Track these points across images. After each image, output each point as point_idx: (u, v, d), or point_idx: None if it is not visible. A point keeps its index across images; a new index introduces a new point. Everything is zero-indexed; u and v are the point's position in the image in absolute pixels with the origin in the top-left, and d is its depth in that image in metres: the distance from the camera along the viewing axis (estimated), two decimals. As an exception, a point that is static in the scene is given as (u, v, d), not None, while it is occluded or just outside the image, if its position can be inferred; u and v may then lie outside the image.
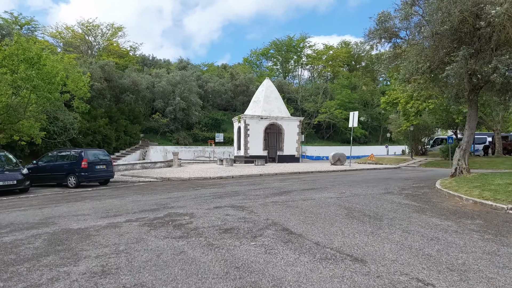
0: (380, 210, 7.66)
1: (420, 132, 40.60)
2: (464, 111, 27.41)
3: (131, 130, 35.76)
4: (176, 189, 12.42)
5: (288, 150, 29.84)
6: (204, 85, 48.45)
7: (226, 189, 12.07)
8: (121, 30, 42.92)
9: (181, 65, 52.82)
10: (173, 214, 7.66)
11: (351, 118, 20.71)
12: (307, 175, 16.81)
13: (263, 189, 11.75)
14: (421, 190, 11.07)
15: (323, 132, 59.67)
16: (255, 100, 31.08)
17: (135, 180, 15.90)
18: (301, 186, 12.40)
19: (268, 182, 14.04)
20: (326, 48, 71.33)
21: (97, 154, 14.73)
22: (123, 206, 9.04)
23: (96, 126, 31.51)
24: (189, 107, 39.94)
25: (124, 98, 37.70)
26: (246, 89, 51.43)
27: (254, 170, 19.42)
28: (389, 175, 16.47)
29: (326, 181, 13.93)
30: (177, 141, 38.42)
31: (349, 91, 62.20)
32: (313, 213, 7.44)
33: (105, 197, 11.09)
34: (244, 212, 7.60)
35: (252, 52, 67.39)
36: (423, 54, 11.37)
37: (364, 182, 13.45)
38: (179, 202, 9.28)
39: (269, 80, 32.28)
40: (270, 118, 29.22)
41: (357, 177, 15.43)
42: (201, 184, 14.02)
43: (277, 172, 17.72)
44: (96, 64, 34.86)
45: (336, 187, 11.80)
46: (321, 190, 11.21)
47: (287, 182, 13.87)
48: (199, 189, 12.31)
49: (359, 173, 18.08)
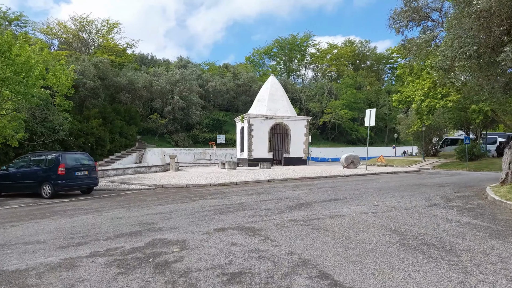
0: (442, 235, 5.56)
1: (431, 133, 38.58)
2: (485, 110, 25.32)
3: (127, 132, 33.72)
4: (170, 200, 10.32)
5: (295, 152, 27.72)
6: (205, 84, 46.43)
7: (229, 200, 9.96)
8: (117, 26, 40.92)
9: (180, 64, 50.81)
10: (159, 242, 5.56)
11: (367, 116, 18.59)
12: (322, 181, 14.69)
13: (275, 200, 9.64)
14: (472, 201, 8.94)
15: (328, 133, 57.57)
16: (259, 99, 29.00)
17: (123, 188, 13.81)
18: (320, 195, 10.29)
19: (279, 190, 11.94)
20: (330, 47, 69.28)
21: (78, 159, 12.63)
22: (97, 226, 6.96)
23: (88, 127, 29.48)
24: (189, 107, 37.89)
25: (119, 97, 35.67)
26: (249, 88, 49.38)
27: (260, 174, 17.32)
28: (416, 180, 14.34)
29: (347, 188, 11.81)
30: (176, 143, 36.35)
31: (355, 91, 60.10)
32: (353, 240, 5.33)
33: (80, 212, 9.00)
34: (256, 239, 5.50)
35: (255, 51, 65.34)
36: (469, 35, 9.26)
37: (393, 189, 11.34)
38: (170, 221, 7.18)
39: (274, 77, 30.22)
40: (275, 118, 27.12)
41: (380, 183, 13.30)
42: (200, 193, 11.91)
43: (287, 177, 15.61)
44: (89, 62, 32.83)
45: (364, 198, 9.68)
46: (347, 201, 9.10)
47: (301, 189, 11.76)
48: (197, 200, 10.21)
49: (379, 177, 15.94)
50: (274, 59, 67.58)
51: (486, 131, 37.91)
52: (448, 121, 36.22)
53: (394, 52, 29.74)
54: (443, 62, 10.19)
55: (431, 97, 25.90)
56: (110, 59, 38.40)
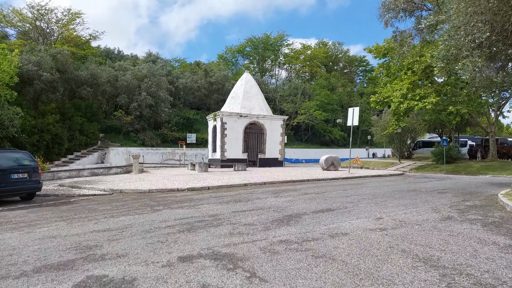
0: (493, 268, 4.09)
1: (405, 135, 38.42)
2: (462, 112, 24.91)
3: (88, 129, 30.97)
4: (126, 210, 8.41)
5: (270, 152, 26.18)
6: (175, 81, 44.07)
7: (200, 210, 8.19)
8: (79, 16, 37.78)
9: (149, 59, 48.11)
10: (94, 283, 3.74)
11: (350, 115, 17.28)
12: (305, 185, 13.16)
13: (256, 210, 7.96)
14: (490, 212, 7.63)
15: (302, 134, 56.67)
16: (233, 96, 27.24)
17: (73, 193, 11.67)
18: (309, 204, 8.71)
19: (258, 196, 10.27)
20: (303, 47, 68.62)
21: (17, 159, 10.38)
22: (16, 252, 5.01)
23: (44, 123, 26.64)
24: (157, 104, 35.50)
25: (80, 92, 32.80)
26: (221, 87, 47.50)
27: (235, 177, 15.60)
28: (407, 185, 13.09)
29: (337, 195, 10.31)
30: (142, 142, 33.89)
31: (328, 92, 59.64)
32: (376, 278, 3.74)
33: (6, 227, 6.93)
34: (239, 278, 3.80)
35: (228, 48, 63.44)
36: (481, 19, 8.01)
37: (389, 197, 9.95)
38: (119, 243, 5.34)
39: (248, 73, 28.54)
40: (250, 116, 25.46)
41: (371, 188, 11.92)
42: (165, 200, 10.04)
43: (265, 180, 13.97)
44: (46, 52, 29.84)
45: (361, 207, 8.19)
46: (343, 212, 7.57)
47: (284, 196, 10.15)
48: (159, 209, 8.36)
49: (367, 182, 14.58)
50: (248, 58, 65.98)
51: (458, 134, 38.07)
52: (423, 123, 36.07)
53: (372, 51, 28.76)
54: (447, 52, 8.90)
55: (410, 98, 25.15)
56: (71, 50, 35.39)
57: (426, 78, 25.35)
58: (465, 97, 24.63)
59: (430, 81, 25.08)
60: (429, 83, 25.11)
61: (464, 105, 24.11)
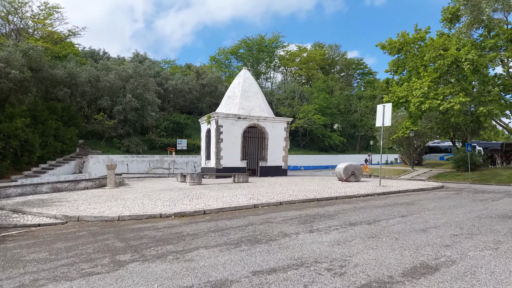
0: None
1: (415, 139, 35.39)
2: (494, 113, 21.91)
3: (64, 135, 27.17)
4: (67, 265, 4.91)
5: (273, 160, 22.72)
6: (164, 83, 40.56)
7: (193, 268, 4.72)
8: (57, 11, 34.17)
9: (136, 60, 44.50)
10: None
11: (379, 113, 13.88)
12: (338, 206, 9.48)
13: (295, 269, 4.53)
14: None
15: (299, 139, 53.39)
16: (230, 96, 23.80)
17: (11, 221, 8.08)
18: (379, 251, 5.29)
19: (283, 229, 6.80)
20: (299, 50, 65.71)
21: None
22: None
23: (11, 127, 22.82)
24: (144, 107, 31.91)
25: (56, 93, 29.06)
26: (214, 89, 44.12)
27: (238, 193, 12.11)
28: (484, 206, 9.58)
29: (404, 229, 6.74)
30: (127, 148, 30.21)
31: (327, 95, 56.56)
32: None
33: None
34: None
35: (221, 50, 60.07)
36: None
37: (490, 230, 6.51)
38: None
39: (247, 70, 25.13)
40: (250, 118, 22.02)
41: (437, 213, 8.32)
42: (138, 237, 6.54)
43: (281, 199, 10.43)
44: (16, 48, 26.13)
45: (479, 261, 4.81)
46: (462, 276, 4.17)
47: (323, 230, 6.70)
48: (124, 263, 4.89)
49: (414, 199, 10.84)
50: (241, 60, 62.70)
51: (471, 139, 35.18)
52: (436, 126, 33.11)
53: (385, 47, 25.70)
54: None
55: (432, 97, 22.07)
56: (47, 47, 31.69)
57: (451, 75, 22.30)
58: (495, 96, 21.67)
59: (457, 78, 22.01)
60: (456, 80, 22.04)
61: (496, 105, 21.12)
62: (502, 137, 77.11)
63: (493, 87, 22.32)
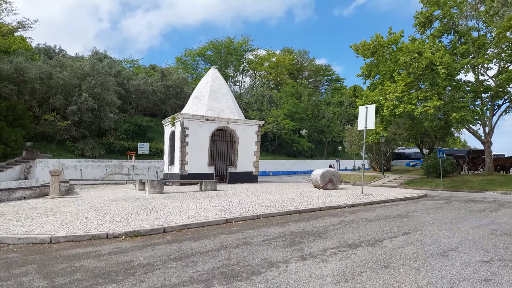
0: None
1: (384, 146, 35.16)
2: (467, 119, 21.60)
3: (8, 136, 24.18)
4: None
5: (243, 165, 21.12)
6: (126, 83, 37.95)
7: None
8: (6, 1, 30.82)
9: (95, 58, 41.44)
10: None
11: (361, 115, 12.72)
12: (326, 220, 8.01)
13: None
14: None
15: (268, 144, 52.19)
16: (197, 96, 21.99)
17: None
18: None
19: (266, 256, 5.25)
20: (268, 54, 64.91)
21: None
22: None
23: None
24: (102, 107, 29.35)
25: (0, 90, 25.91)
26: (180, 91, 41.97)
27: (206, 204, 10.40)
28: (481, 219, 8.55)
29: (413, 253, 5.43)
30: (81, 152, 27.52)
31: (296, 101, 55.94)
32: None
33: None
34: None
35: (187, 51, 57.82)
36: None
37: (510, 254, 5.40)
38: None
39: (215, 69, 23.44)
40: (218, 120, 20.34)
41: (439, 229, 7.17)
42: (69, 275, 4.72)
43: (257, 212, 8.81)
44: (-49, 36, 22.97)
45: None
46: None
47: (317, 255, 5.23)
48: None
49: (405, 210, 9.84)
50: (209, 62, 60.77)
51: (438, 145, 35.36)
52: (405, 132, 32.97)
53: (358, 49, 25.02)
54: None
55: (406, 102, 21.50)
56: (-9, 39, 28.43)
57: (425, 79, 21.84)
58: (467, 103, 21.46)
59: (431, 82, 21.56)
60: (430, 85, 21.57)
61: (468, 112, 20.85)
62: (459, 145, 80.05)
63: (465, 94, 22.15)
